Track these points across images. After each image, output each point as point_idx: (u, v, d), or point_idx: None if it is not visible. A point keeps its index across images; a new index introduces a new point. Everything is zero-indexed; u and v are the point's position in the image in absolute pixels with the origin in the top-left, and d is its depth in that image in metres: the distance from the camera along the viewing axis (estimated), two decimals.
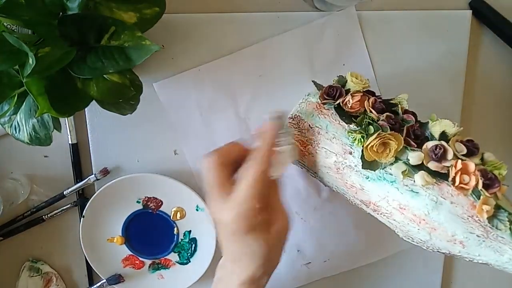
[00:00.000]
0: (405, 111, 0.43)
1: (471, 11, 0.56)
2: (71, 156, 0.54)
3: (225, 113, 0.54)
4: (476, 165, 0.37)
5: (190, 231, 0.56)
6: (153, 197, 0.55)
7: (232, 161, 0.40)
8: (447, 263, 0.61)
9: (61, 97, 0.38)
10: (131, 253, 0.56)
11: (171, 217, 0.55)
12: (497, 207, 0.36)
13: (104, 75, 0.40)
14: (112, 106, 0.44)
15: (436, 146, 0.38)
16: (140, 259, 0.56)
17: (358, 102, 0.41)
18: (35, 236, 0.56)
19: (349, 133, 0.41)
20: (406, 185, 0.38)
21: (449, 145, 0.38)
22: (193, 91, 0.53)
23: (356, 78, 0.43)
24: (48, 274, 0.56)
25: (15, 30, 0.37)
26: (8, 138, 0.53)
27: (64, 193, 0.54)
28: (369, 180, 0.40)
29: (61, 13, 0.37)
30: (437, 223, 0.37)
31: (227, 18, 0.53)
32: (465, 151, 0.38)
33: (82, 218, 0.53)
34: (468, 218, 0.36)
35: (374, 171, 0.39)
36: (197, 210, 0.55)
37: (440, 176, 0.37)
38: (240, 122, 0.54)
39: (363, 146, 0.39)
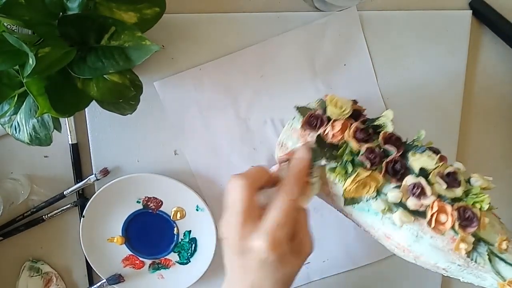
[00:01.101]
0: (389, 138, 0.41)
1: (471, 11, 0.56)
2: (71, 156, 0.54)
3: (225, 113, 0.54)
4: (453, 204, 0.37)
5: (190, 231, 0.56)
6: (153, 197, 0.55)
7: (260, 186, 0.39)
8: None
9: (61, 97, 0.38)
10: (131, 253, 0.56)
11: (171, 217, 0.55)
12: (478, 240, 0.37)
13: (104, 75, 0.40)
14: (112, 106, 0.44)
15: (414, 185, 0.38)
16: (140, 259, 0.56)
17: (339, 131, 0.40)
18: (35, 236, 0.56)
19: (329, 171, 0.40)
20: (388, 218, 0.39)
21: (428, 181, 0.38)
22: (193, 90, 0.53)
23: (335, 107, 0.41)
24: (48, 274, 0.56)
25: (15, 30, 0.37)
26: (8, 138, 0.53)
27: (64, 193, 0.54)
28: (355, 209, 0.41)
29: (61, 13, 0.37)
30: (419, 253, 0.38)
31: (227, 18, 0.53)
32: (445, 186, 0.38)
33: (82, 218, 0.53)
34: (448, 251, 0.37)
35: (358, 203, 0.40)
36: (197, 210, 0.55)
37: (419, 214, 0.38)
38: (240, 122, 0.54)
39: (342, 186, 0.40)
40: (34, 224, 0.55)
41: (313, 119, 0.41)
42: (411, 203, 0.37)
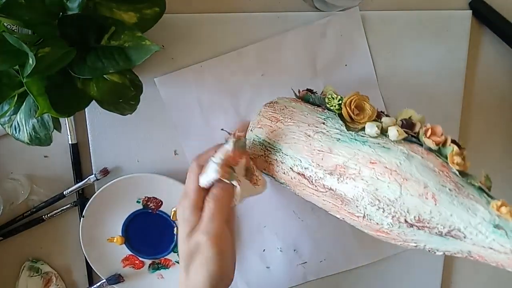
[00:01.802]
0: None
1: (471, 11, 0.56)
2: (71, 156, 0.54)
3: (225, 111, 0.54)
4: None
5: None
6: (153, 197, 0.55)
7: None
8: (447, 263, 0.61)
9: (61, 97, 0.38)
10: (131, 253, 0.56)
11: (171, 217, 0.55)
12: (465, 171, 0.37)
13: (104, 75, 0.40)
14: (112, 106, 0.44)
15: (404, 119, 0.40)
16: (140, 259, 0.56)
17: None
18: (35, 236, 0.56)
19: (328, 98, 0.43)
20: (378, 143, 0.39)
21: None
22: (194, 87, 0.53)
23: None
24: (48, 274, 0.56)
25: (15, 30, 0.37)
26: (8, 138, 0.53)
27: (64, 193, 0.54)
28: (339, 142, 0.40)
29: (61, 13, 0.37)
30: (409, 174, 0.36)
31: (227, 18, 0.53)
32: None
33: (82, 218, 0.53)
34: (439, 172, 0.36)
35: (348, 131, 0.41)
36: None
37: (410, 140, 0.39)
38: (240, 120, 0.54)
39: (340, 106, 0.42)
40: (34, 224, 0.55)
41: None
42: (403, 130, 0.39)
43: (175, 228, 0.56)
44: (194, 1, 0.53)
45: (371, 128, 0.40)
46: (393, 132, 0.39)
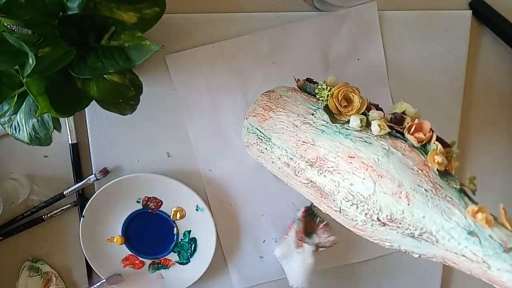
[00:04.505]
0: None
1: (471, 11, 0.56)
2: (71, 156, 0.54)
3: (233, 94, 0.54)
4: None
5: (190, 231, 0.56)
6: (153, 197, 0.55)
7: None
8: None
9: (61, 97, 0.38)
10: (131, 253, 0.56)
11: (171, 217, 0.55)
12: (447, 171, 0.35)
13: (104, 75, 0.40)
14: (112, 106, 0.44)
15: (394, 113, 0.39)
16: (140, 259, 0.56)
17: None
18: (35, 236, 0.56)
19: (318, 89, 0.42)
20: (361, 137, 0.38)
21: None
22: (204, 68, 0.53)
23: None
24: (48, 274, 0.56)
25: (15, 30, 0.37)
26: (8, 138, 0.53)
27: (64, 193, 0.54)
28: (323, 134, 0.40)
29: (61, 13, 0.37)
30: (385, 171, 0.35)
31: (227, 18, 0.53)
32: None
33: (82, 218, 0.53)
34: (418, 171, 0.34)
35: (333, 123, 0.40)
36: (197, 210, 0.55)
37: (395, 136, 0.38)
38: (247, 105, 0.54)
39: (328, 97, 0.40)
40: (34, 224, 0.55)
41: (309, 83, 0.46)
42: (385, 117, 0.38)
43: (175, 228, 0.56)
44: (194, 1, 0.53)
45: (355, 121, 0.38)
46: (375, 127, 0.37)
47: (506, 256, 0.29)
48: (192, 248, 0.56)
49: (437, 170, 0.34)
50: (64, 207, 0.55)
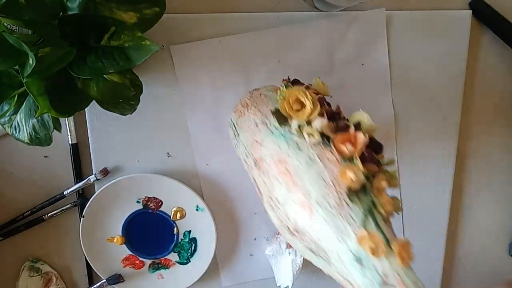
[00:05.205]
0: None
1: (471, 11, 0.56)
2: (71, 156, 0.54)
3: (236, 90, 0.53)
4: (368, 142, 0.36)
5: (190, 231, 0.56)
6: (153, 197, 0.55)
7: None
8: (447, 262, 0.61)
9: (61, 97, 0.38)
10: (131, 253, 0.56)
11: (171, 217, 0.55)
12: (364, 191, 0.33)
13: (104, 75, 0.40)
14: (112, 106, 0.44)
15: (340, 122, 0.37)
16: (140, 259, 0.56)
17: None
18: (35, 236, 0.56)
19: (279, 90, 0.41)
20: (297, 143, 0.37)
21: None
22: (209, 61, 0.53)
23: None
24: (48, 274, 0.56)
25: (15, 30, 0.37)
26: (8, 138, 0.53)
27: (64, 193, 0.54)
28: (271, 136, 0.40)
29: (61, 13, 0.37)
30: (300, 180, 0.35)
31: (227, 18, 0.53)
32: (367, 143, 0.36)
33: (82, 218, 0.53)
34: (330, 184, 0.33)
35: (280, 126, 0.39)
36: (197, 210, 0.55)
37: (330, 146, 0.36)
38: None
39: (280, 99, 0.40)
40: (34, 224, 0.55)
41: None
42: (330, 128, 0.37)
43: (175, 228, 0.56)
44: (194, 1, 0.53)
45: (294, 125, 0.38)
46: (305, 135, 0.37)
47: None
48: (192, 248, 0.56)
49: (350, 187, 0.33)
50: (64, 207, 0.55)
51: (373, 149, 0.36)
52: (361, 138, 0.35)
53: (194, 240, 0.56)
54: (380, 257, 0.29)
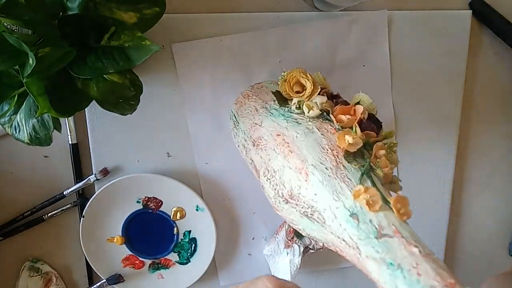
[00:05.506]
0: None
1: (471, 11, 0.56)
2: (71, 156, 0.54)
3: (236, 89, 0.53)
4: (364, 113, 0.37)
5: (190, 231, 0.56)
6: (153, 197, 0.55)
7: None
8: (447, 262, 0.61)
9: (61, 97, 0.38)
10: (131, 253, 0.56)
11: (171, 217, 0.55)
12: (362, 156, 0.34)
13: (104, 75, 0.40)
14: (112, 106, 0.44)
15: (340, 100, 0.39)
16: (140, 259, 0.56)
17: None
18: (35, 236, 0.56)
19: (281, 76, 0.42)
20: (295, 119, 0.39)
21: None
22: (210, 60, 0.53)
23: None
24: (48, 274, 0.56)
25: (15, 30, 0.37)
26: (8, 138, 0.53)
27: (64, 193, 0.54)
28: (271, 116, 0.41)
29: (61, 13, 0.37)
30: (297, 147, 0.35)
31: (227, 18, 0.53)
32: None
33: (82, 218, 0.53)
34: (327, 149, 0.34)
35: (280, 107, 0.41)
36: (197, 210, 0.55)
37: (328, 119, 0.38)
38: None
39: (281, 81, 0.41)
40: (34, 224, 0.55)
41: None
42: (330, 103, 0.38)
43: (175, 228, 0.56)
44: (194, 1, 0.53)
45: (294, 102, 0.40)
46: (305, 108, 0.38)
47: (375, 242, 0.27)
48: (192, 248, 0.56)
49: (346, 150, 0.33)
50: (64, 207, 0.55)
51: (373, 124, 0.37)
52: (360, 108, 0.36)
53: (194, 240, 0.56)
54: (376, 211, 0.29)
